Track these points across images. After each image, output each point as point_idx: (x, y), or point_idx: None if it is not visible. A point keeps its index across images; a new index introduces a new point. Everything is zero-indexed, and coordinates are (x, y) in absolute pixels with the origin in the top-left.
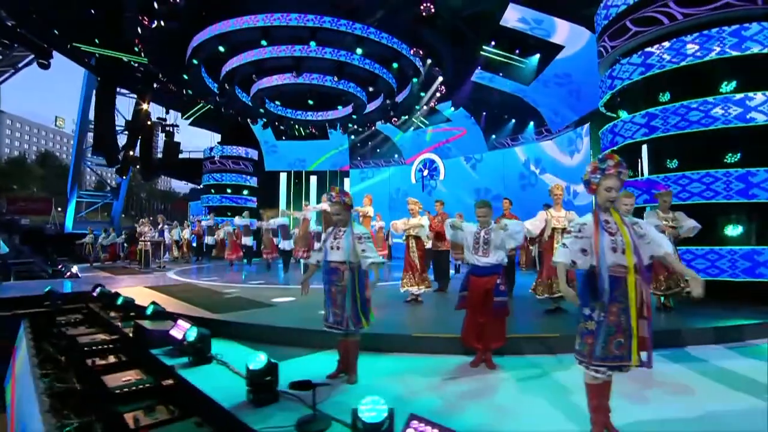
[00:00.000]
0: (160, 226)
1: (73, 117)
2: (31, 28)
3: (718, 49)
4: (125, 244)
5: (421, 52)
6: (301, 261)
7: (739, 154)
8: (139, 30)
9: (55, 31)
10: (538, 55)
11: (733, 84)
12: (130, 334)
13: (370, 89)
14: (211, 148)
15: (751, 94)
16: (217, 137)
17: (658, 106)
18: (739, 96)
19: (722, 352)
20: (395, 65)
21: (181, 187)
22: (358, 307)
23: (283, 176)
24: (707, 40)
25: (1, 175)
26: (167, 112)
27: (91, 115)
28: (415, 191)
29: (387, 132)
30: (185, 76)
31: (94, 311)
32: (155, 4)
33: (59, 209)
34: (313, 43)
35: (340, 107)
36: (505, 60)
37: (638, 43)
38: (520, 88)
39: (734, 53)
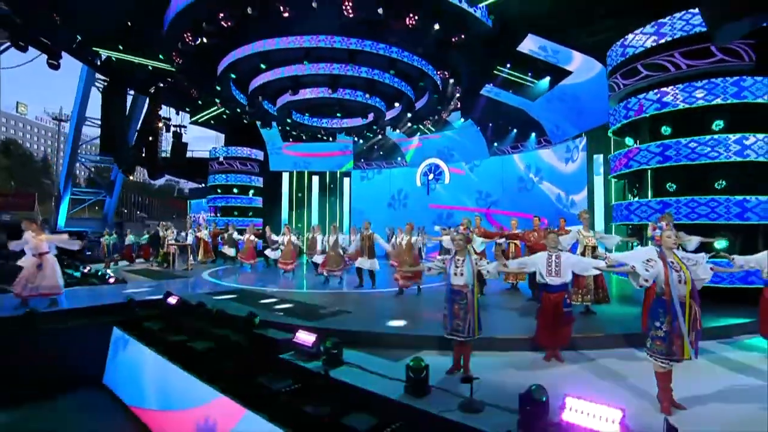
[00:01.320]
0: (187, 229)
1: (43, 105)
2: (44, 29)
3: (722, 95)
4: (137, 246)
5: (446, 73)
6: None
7: (724, 182)
8: (180, 45)
9: (78, 37)
10: (548, 78)
11: (721, 124)
12: (240, 342)
13: (396, 104)
14: (216, 149)
15: (747, 135)
16: (221, 137)
17: (664, 139)
18: (736, 137)
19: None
20: (421, 84)
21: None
22: (476, 320)
23: (285, 176)
24: (714, 86)
25: None
26: (177, 114)
27: (89, 112)
28: (419, 193)
29: (392, 135)
30: (218, 87)
31: (179, 319)
32: (204, 24)
33: (52, 204)
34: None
35: (362, 118)
36: (518, 80)
37: (648, 83)
38: (525, 103)
39: (734, 100)
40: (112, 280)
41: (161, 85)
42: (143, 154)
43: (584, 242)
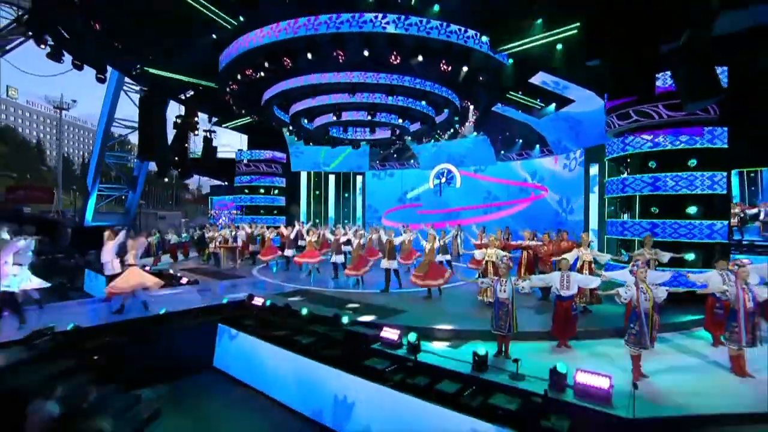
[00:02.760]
0: (236, 231)
1: (36, 90)
2: (101, 46)
3: (699, 139)
4: (180, 244)
5: (468, 103)
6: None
7: (695, 208)
8: (238, 76)
9: (135, 60)
10: (554, 104)
11: (694, 162)
12: (338, 337)
13: (420, 123)
14: (242, 151)
15: (715, 173)
16: (244, 137)
17: (651, 173)
18: (708, 173)
19: (678, 336)
20: (446, 110)
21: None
22: (514, 321)
23: (303, 175)
24: (696, 133)
25: None
26: (209, 121)
27: (120, 113)
28: (430, 195)
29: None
30: (263, 110)
31: (269, 317)
32: (266, 63)
33: (79, 196)
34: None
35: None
36: (528, 104)
37: (638, 126)
38: (532, 120)
39: (707, 145)
40: (184, 281)
41: (193, 93)
42: (176, 157)
43: (583, 258)
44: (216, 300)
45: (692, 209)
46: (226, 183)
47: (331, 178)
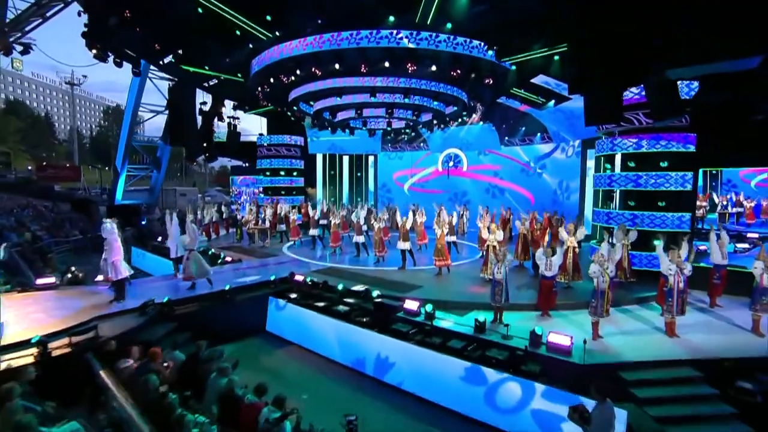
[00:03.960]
0: (263, 211)
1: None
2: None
3: (675, 144)
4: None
5: (474, 103)
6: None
7: (664, 203)
8: (271, 80)
9: (172, 60)
10: (554, 101)
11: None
12: (369, 307)
13: (434, 121)
14: (263, 136)
15: (686, 173)
16: (263, 120)
17: (630, 170)
18: (681, 173)
19: (638, 308)
20: (455, 108)
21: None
22: (507, 295)
23: (319, 157)
24: (673, 138)
25: None
26: (234, 109)
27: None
28: (439, 178)
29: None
30: (289, 105)
31: (309, 290)
32: (297, 71)
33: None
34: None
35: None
36: (530, 99)
37: (621, 130)
38: (534, 111)
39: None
40: (229, 259)
41: (217, 81)
42: (204, 143)
43: (568, 244)
44: (263, 276)
45: (662, 203)
46: (247, 164)
47: (345, 159)
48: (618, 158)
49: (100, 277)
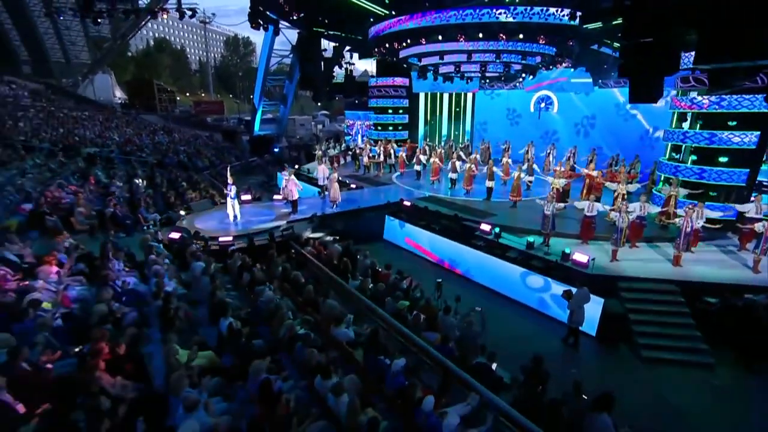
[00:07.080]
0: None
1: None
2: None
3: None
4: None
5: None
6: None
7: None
8: (387, 45)
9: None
10: None
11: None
12: (457, 228)
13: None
14: (374, 78)
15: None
16: (373, 63)
17: (709, 129)
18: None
19: (669, 245)
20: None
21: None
22: (553, 223)
23: (422, 96)
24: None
25: (137, 67)
26: (351, 56)
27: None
28: (532, 117)
29: None
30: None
31: (415, 213)
32: (408, 39)
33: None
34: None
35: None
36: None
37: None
38: None
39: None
40: (353, 186)
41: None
42: (327, 88)
43: (619, 191)
44: (380, 201)
45: (724, 159)
46: (357, 101)
47: (446, 97)
48: (689, 116)
49: (277, 196)
